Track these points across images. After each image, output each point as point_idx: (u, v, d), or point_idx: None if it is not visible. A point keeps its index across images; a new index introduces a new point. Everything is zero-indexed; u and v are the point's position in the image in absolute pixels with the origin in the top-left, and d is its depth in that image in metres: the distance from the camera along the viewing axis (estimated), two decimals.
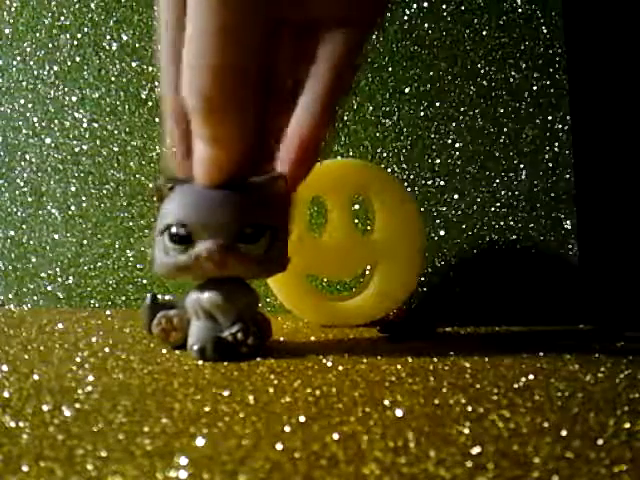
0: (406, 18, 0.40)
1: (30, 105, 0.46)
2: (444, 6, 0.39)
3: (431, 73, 0.39)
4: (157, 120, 0.43)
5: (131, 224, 0.44)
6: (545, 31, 0.38)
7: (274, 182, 0.21)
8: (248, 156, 0.20)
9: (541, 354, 0.22)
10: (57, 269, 0.45)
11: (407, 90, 0.40)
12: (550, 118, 0.38)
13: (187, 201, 0.21)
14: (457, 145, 0.39)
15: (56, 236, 0.45)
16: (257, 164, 0.21)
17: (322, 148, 0.22)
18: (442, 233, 0.39)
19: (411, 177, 0.39)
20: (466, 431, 0.12)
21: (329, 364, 0.20)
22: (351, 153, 0.40)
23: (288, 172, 0.21)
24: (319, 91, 0.20)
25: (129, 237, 0.44)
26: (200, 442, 0.12)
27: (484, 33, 0.39)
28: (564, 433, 0.12)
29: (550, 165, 0.38)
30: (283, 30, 0.20)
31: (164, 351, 0.23)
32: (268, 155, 0.21)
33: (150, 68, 0.44)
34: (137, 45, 0.44)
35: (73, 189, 0.45)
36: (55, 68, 0.45)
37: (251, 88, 0.19)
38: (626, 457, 0.11)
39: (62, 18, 0.45)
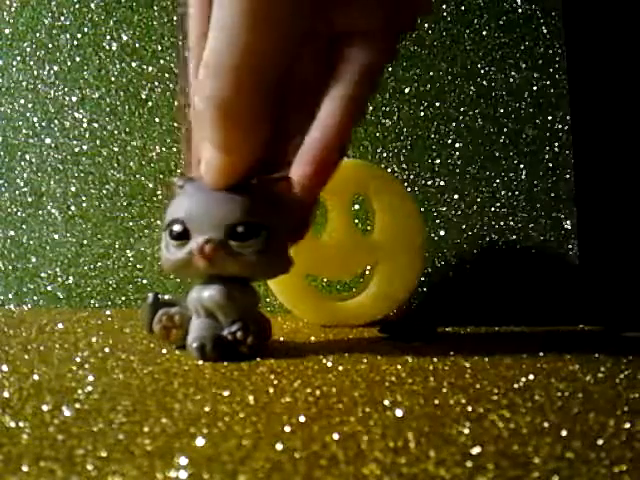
0: None
1: (30, 105, 0.46)
2: (444, 6, 0.39)
3: (431, 73, 0.39)
4: (157, 120, 0.43)
5: (131, 224, 0.44)
6: (545, 31, 0.38)
7: (276, 183, 0.21)
8: (259, 162, 0.20)
9: (541, 354, 0.22)
10: (57, 269, 0.45)
11: (407, 90, 0.40)
12: (550, 118, 0.38)
13: (187, 199, 0.21)
14: (457, 145, 0.39)
15: (56, 236, 0.45)
16: (268, 168, 0.21)
17: (343, 154, 0.22)
18: (442, 233, 0.39)
19: (411, 177, 0.39)
20: (466, 431, 0.12)
21: (329, 364, 0.20)
22: (351, 153, 0.40)
23: (309, 177, 0.21)
24: (343, 99, 0.20)
25: (129, 237, 0.44)
26: (200, 442, 0.12)
27: (484, 33, 0.39)
28: (564, 433, 0.12)
29: (550, 165, 0.38)
30: (307, 39, 0.20)
31: (164, 351, 0.23)
32: (281, 160, 0.21)
33: (150, 68, 0.44)
34: (137, 45, 0.44)
35: (73, 189, 0.45)
36: (55, 68, 0.45)
37: (270, 94, 0.19)
38: (626, 457, 0.11)
39: (62, 18, 0.45)
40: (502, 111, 0.38)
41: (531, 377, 0.18)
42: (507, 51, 0.38)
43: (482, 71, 0.39)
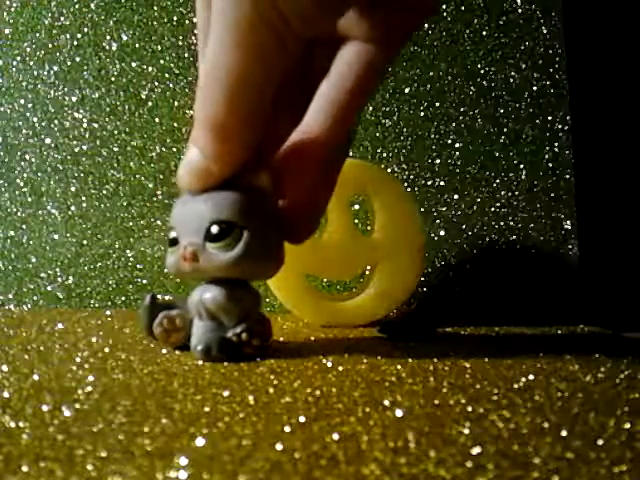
0: None
1: (30, 105, 0.46)
2: (444, 6, 0.39)
3: (431, 73, 0.39)
4: (157, 120, 0.43)
5: (131, 224, 0.44)
6: (545, 31, 0.38)
7: (255, 180, 0.21)
8: (238, 168, 0.20)
9: (541, 354, 0.22)
10: (57, 269, 0.45)
11: (407, 90, 0.40)
12: (550, 118, 0.38)
13: (178, 205, 0.22)
14: (457, 145, 0.39)
15: (56, 236, 0.45)
16: (248, 170, 0.21)
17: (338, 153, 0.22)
18: (442, 233, 0.39)
19: (411, 177, 0.39)
20: (466, 431, 0.12)
21: (329, 364, 0.20)
22: (351, 153, 0.40)
23: (295, 179, 0.21)
24: (336, 102, 0.20)
25: (129, 237, 0.44)
26: (200, 442, 0.12)
27: (484, 33, 0.39)
28: (564, 433, 0.12)
29: (550, 165, 0.38)
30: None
31: (164, 351, 0.23)
32: (260, 162, 0.21)
33: (150, 68, 0.44)
34: (137, 45, 0.44)
35: (73, 189, 0.45)
36: (55, 68, 0.45)
37: (264, 109, 0.19)
38: (626, 457, 0.11)
39: (62, 18, 0.45)
40: (502, 111, 0.38)
41: (531, 377, 0.18)
42: (507, 51, 0.38)
43: (482, 71, 0.39)
